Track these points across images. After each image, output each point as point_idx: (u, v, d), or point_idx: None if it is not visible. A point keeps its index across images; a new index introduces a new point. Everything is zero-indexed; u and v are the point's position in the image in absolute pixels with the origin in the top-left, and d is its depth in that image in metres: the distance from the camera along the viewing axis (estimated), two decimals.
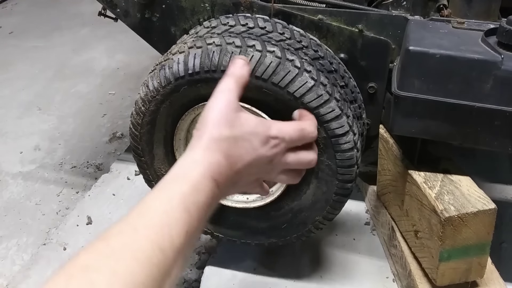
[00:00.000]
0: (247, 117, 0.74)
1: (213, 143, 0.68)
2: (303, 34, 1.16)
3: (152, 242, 0.52)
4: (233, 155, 0.70)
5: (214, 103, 0.74)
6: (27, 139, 2.32)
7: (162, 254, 0.52)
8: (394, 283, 1.33)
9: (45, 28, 3.57)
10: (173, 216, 0.56)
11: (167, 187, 0.61)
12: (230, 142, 0.70)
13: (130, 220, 0.55)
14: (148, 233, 0.53)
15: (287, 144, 0.77)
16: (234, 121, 0.71)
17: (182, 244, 0.55)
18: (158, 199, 0.59)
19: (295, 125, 0.80)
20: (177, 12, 1.33)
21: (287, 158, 0.78)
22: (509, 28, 0.97)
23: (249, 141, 0.72)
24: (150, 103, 1.12)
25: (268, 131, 0.75)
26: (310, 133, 0.80)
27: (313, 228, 1.22)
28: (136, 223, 0.54)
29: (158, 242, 0.52)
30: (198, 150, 0.67)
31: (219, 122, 0.70)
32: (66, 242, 1.59)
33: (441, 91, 1.00)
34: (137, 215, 0.56)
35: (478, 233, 1.05)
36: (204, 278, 1.37)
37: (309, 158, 0.81)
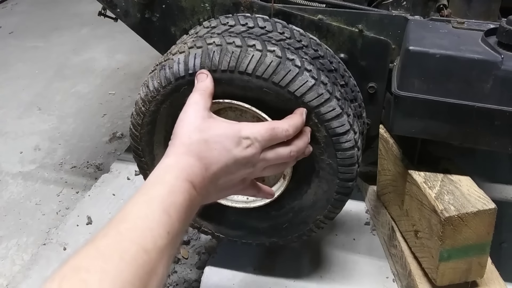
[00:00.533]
0: (217, 122, 0.81)
1: (184, 147, 0.74)
2: (303, 33, 1.16)
3: (136, 244, 0.55)
4: (206, 156, 0.74)
5: (184, 115, 0.81)
6: (27, 139, 2.32)
7: (146, 255, 0.55)
8: (394, 283, 1.33)
9: (45, 28, 3.57)
10: (154, 219, 0.59)
11: (146, 192, 0.65)
12: (200, 144, 0.75)
13: (114, 224, 0.58)
14: (132, 235, 0.56)
15: (260, 143, 0.82)
16: (203, 126, 0.78)
17: (165, 245, 0.58)
18: (139, 203, 0.62)
19: (266, 124, 0.87)
20: (177, 12, 1.33)
21: (266, 155, 0.83)
22: (509, 28, 0.97)
23: (220, 143, 0.77)
24: (150, 103, 1.12)
25: (239, 132, 0.81)
26: (282, 131, 0.85)
27: (314, 227, 1.22)
28: (120, 227, 0.58)
29: (141, 243, 0.56)
30: (171, 156, 0.74)
31: (188, 129, 0.77)
32: (66, 242, 1.59)
33: (441, 91, 1.00)
34: (120, 219, 0.59)
35: (478, 233, 1.05)
36: (204, 278, 1.37)
37: (286, 152, 0.86)
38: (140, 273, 0.53)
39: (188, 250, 1.59)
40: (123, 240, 0.56)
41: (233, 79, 1.04)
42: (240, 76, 1.03)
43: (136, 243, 0.56)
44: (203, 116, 0.81)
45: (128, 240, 0.56)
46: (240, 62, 1.02)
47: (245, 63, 1.02)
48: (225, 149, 0.77)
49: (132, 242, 0.56)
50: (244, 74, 1.03)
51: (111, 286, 0.50)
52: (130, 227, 0.58)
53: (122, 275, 0.51)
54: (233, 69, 1.03)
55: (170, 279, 1.51)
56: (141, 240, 0.56)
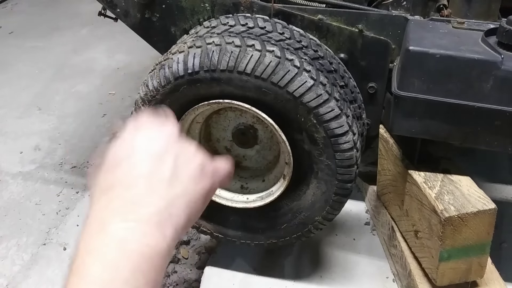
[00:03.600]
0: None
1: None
2: (303, 34, 1.16)
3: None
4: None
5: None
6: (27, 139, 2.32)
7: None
8: (394, 283, 1.32)
9: (45, 28, 3.57)
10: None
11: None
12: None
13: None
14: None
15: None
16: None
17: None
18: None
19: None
20: (177, 12, 1.33)
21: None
22: (509, 28, 0.97)
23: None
24: (150, 102, 1.12)
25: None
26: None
27: (313, 228, 1.22)
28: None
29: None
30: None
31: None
32: (66, 242, 1.59)
33: (441, 91, 1.00)
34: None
35: (478, 233, 1.05)
36: (204, 278, 1.37)
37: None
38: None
39: (188, 250, 1.59)
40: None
41: (232, 78, 1.04)
42: (239, 76, 1.03)
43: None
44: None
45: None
46: (239, 62, 1.02)
47: (244, 63, 1.02)
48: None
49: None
50: (243, 74, 1.03)
51: None
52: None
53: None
54: (232, 69, 1.03)
55: (170, 279, 1.51)
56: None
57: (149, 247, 0.52)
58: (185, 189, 0.59)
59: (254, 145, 1.26)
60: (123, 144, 0.62)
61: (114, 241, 0.52)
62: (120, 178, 0.58)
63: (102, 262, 0.51)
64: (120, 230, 0.53)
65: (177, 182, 0.58)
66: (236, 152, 1.30)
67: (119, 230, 0.53)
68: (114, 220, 0.54)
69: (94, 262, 0.51)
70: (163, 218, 0.55)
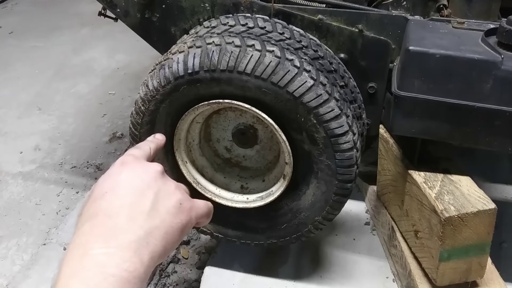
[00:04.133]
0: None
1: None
2: (303, 34, 1.16)
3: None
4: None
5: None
6: (27, 139, 2.32)
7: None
8: (394, 283, 1.32)
9: (45, 28, 3.57)
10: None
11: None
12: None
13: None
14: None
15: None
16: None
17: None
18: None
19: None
20: (177, 12, 1.33)
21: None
22: (509, 28, 0.97)
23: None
24: (149, 102, 1.12)
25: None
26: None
27: (313, 228, 1.22)
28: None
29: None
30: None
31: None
32: (66, 242, 1.59)
33: (441, 91, 1.00)
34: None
35: (478, 233, 1.05)
36: (204, 278, 1.37)
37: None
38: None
39: (188, 250, 1.59)
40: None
41: (232, 78, 1.04)
42: (239, 76, 1.03)
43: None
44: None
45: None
46: (239, 62, 1.02)
47: (244, 63, 1.02)
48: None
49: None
50: (243, 74, 1.03)
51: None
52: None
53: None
54: (232, 69, 1.03)
55: (170, 279, 1.51)
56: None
57: (128, 272, 0.56)
58: (163, 221, 0.63)
59: (254, 145, 1.26)
60: (109, 179, 0.67)
61: (95, 266, 0.55)
62: (103, 207, 0.62)
63: (84, 285, 0.54)
64: (101, 255, 0.56)
65: (156, 215, 0.63)
66: (236, 152, 1.30)
67: (100, 255, 0.56)
68: (96, 246, 0.57)
69: (77, 284, 0.54)
70: (141, 246, 0.59)
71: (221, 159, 1.31)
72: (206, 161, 1.29)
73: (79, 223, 0.62)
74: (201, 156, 1.28)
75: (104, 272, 0.55)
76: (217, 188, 1.27)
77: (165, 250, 0.63)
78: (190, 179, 1.24)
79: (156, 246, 0.61)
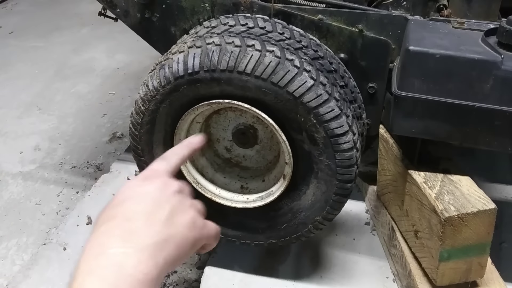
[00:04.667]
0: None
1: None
2: (303, 34, 1.16)
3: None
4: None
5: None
6: (27, 139, 2.32)
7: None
8: (394, 283, 1.32)
9: (45, 28, 3.57)
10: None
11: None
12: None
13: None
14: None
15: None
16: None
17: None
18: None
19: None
20: (177, 12, 1.33)
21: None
22: (509, 28, 0.97)
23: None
24: (149, 102, 1.12)
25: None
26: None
27: (313, 228, 1.22)
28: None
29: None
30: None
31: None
32: (66, 242, 1.59)
33: (441, 91, 1.00)
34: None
35: (478, 233, 1.05)
36: (204, 278, 1.37)
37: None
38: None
39: None
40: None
41: (232, 78, 1.04)
42: (239, 76, 1.03)
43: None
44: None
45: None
46: (239, 62, 1.02)
47: (244, 63, 1.02)
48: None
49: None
50: (243, 74, 1.03)
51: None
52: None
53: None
54: (232, 69, 1.03)
55: (170, 279, 1.51)
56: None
57: (143, 274, 0.58)
58: (177, 232, 0.66)
59: (254, 145, 1.26)
60: (129, 189, 0.70)
61: (113, 264, 0.58)
62: (122, 211, 0.65)
63: (102, 282, 0.56)
64: (118, 255, 0.59)
65: (172, 225, 0.66)
66: (236, 152, 1.30)
67: (118, 255, 0.59)
68: (113, 245, 0.60)
69: (94, 282, 0.56)
70: (157, 250, 0.61)
71: (221, 159, 1.31)
72: (206, 161, 1.29)
73: (97, 225, 0.64)
74: (201, 156, 1.28)
75: (121, 271, 0.57)
76: (217, 188, 1.27)
77: (177, 259, 0.65)
78: (190, 179, 1.24)
79: (170, 253, 0.63)
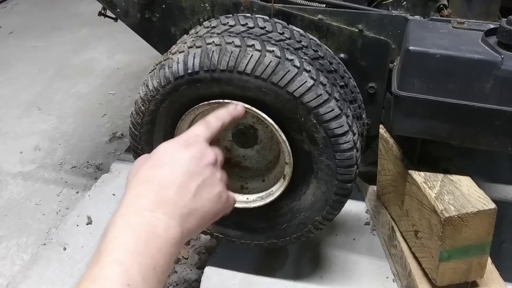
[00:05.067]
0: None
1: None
2: (303, 34, 1.16)
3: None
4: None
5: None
6: (27, 139, 2.32)
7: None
8: (394, 283, 1.33)
9: (45, 28, 3.57)
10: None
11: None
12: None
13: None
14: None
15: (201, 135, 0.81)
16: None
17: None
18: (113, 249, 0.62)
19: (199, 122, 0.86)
20: (177, 12, 1.33)
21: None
22: (509, 28, 0.97)
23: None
24: (149, 102, 1.12)
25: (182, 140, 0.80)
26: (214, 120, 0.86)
27: (313, 228, 1.22)
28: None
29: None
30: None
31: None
32: (66, 242, 1.59)
33: (441, 91, 1.00)
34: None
35: (478, 233, 1.05)
36: (204, 278, 1.37)
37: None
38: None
39: (188, 250, 1.59)
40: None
41: (232, 79, 1.04)
42: (239, 76, 1.03)
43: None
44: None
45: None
46: (239, 62, 1.02)
47: (244, 63, 1.02)
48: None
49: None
50: (243, 74, 1.03)
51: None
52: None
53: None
54: (232, 69, 1.03)
55: (170, 279, 1.51)
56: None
57: (172, 237, 0.66)
58: (202, 206, 0.73)
59: (254, 145, 1.26)
60: (169, 152, 0.77)
61: (148, 224, 0.65)
62: (158, 177, 0.72)
63: (135, 237, 0.63)
64: (152, 217, 0.66)
65: (199, 199, 0.73)
66: (236, 152, 1.30)
67: (152, 217, 0.66)
68: (149, 208, 0.67)
69: (130, 236, 0.63)
70: (183, 221, 0.69)
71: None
72: None
73: (134, 182, 0.72)
74: None
75: (153, 231, 0.64)
76: None
77: (196, 230, 0.73)
78: None
79: (193, 225, 0.71)
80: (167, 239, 0.65)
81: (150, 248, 0.63)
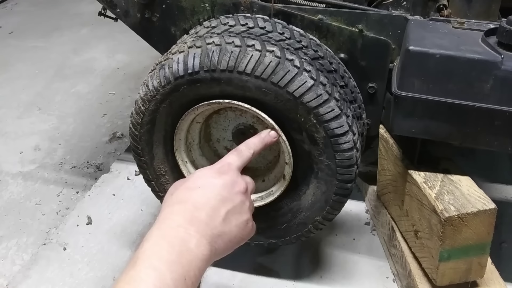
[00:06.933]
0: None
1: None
2: (303, 34, 1.16)
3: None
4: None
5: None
6: (27, 139, 2.32)
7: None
8: (394, 283, 1.33)
9: (45, 28, 3.57)
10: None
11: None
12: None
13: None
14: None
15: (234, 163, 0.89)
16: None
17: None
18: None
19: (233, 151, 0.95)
20: (177, 12, 1.33)
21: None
22: (509, 28, 0.97)
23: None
24: (149, 102, 1.12)
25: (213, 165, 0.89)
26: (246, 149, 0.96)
27: (313, 228, 1.22)
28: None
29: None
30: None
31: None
32: (66, 242, 1.59)
33: (441, 91, 1.00)
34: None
35: (478, 233, 1.05)
36: (204, 278, 1.37)
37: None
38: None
39: None
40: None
41: (232, 78, 1.04)
42: (239, 76, 1.03)
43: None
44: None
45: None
46: (239, 62, 1.02)
47: (244, 63, 1.02)
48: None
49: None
50: (243, 74, 1.03)
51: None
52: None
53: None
54: (232, 69, 1.03)
55: None
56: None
57: (202, 254, 0.72)
58: (230, 231, 0.80)
59: None
60: (204, 178, 0.83)
61: (182, 239, 0.71)
62: (192, 198, 0.79)
63: (170, 248, 0.68)
64: (186, 234, 0.72)
65: (228, 224, 0.80)
66: None
67: (186, 233, 0.72)
68: (183, 225, 0.73)
69: (165, 246, 0.69)
70: (212, 240, 0.75)
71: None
72: (206, 161, 1.28)
73: (170, 201, 0.80)
74: (201, 156, 1.28)
75: (186, 245, 0.70)
76: None
77: (223, 253, 0.80)
78: None
79: (220, 246, 0.78)
80: (198, 254, 0.71)
81: (182, 260, 0.68)
